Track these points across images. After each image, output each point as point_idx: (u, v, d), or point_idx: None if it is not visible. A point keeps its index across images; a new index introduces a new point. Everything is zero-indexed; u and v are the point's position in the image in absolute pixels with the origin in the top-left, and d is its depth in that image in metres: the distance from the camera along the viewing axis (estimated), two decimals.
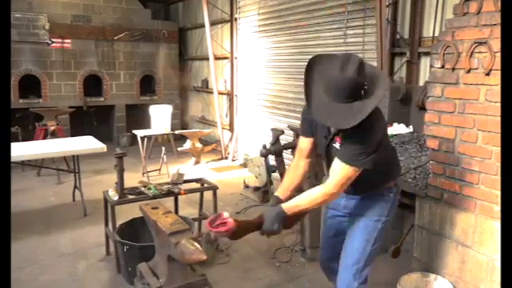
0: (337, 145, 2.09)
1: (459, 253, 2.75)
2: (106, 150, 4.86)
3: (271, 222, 2.01)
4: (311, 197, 2.05)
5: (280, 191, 2.25)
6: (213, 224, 2.00)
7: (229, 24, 7.87)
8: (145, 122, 8.68)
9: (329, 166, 2.21)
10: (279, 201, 2.16)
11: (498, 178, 2.43)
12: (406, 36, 4.43)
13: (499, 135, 2.39)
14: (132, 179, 5.20)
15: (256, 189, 5.51)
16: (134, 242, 3.27)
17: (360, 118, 1.82)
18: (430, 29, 4.21)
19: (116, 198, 3.54)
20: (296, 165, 2.34)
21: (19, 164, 6.24)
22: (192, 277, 2.49)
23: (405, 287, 2.80)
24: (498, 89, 2.41)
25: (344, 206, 2.36)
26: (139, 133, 6.61)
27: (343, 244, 2.33)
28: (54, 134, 6.61)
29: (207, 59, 8.30)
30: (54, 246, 4.08)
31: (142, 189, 3.73)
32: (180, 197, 4.04)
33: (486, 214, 2.55)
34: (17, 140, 6.40)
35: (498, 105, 2.40)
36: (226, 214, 2.02)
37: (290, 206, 2.06)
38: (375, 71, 2.04)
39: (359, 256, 2.24)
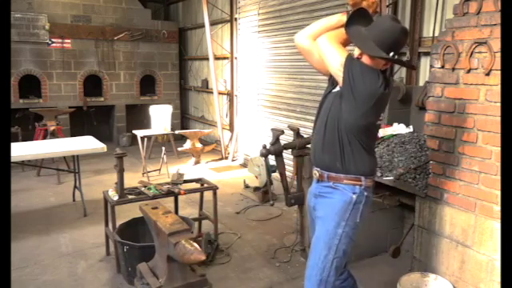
0: (336, 88, 2.24)
1: (459, 253, 2.76)
2: (105, 149, 4.87)
3: None
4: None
5: None
6: None
7: (229, 24, 7.87)
8: (145, 122, 8.70)
9: (316, 121, 2.33)
10: None
11: (498, 177, 2.43)
12: None
13: (499, 135, 2.39)
14: (132, 179, 5.21)
15: (256, 189, 5.52)
16: (134, 242, 3.28)
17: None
18: (430, 29, 4.21)
19: (116, 198, 3.54)
20: None
21: (19, 164, 6.26)
22: (192, 277, 2.50)
23: (405, 287, 2.80)
24: (498, 89, 2.42)
25: (313, 206, 2.37)
26: (139, 133, 6.61)
27: None
28: (53, 134, 6.61)
29: (207, 59, 8.31)
30: (54, 246, 4.08)
31: (142, 189, 3.73)
32: (180, 197, 4.04)
33: (486, 213, 2.55)
34: (17, 140, 6.40)
35: (498, 105, 2.40)
36: None
37: None
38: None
39: (322, 265, 2.19)
